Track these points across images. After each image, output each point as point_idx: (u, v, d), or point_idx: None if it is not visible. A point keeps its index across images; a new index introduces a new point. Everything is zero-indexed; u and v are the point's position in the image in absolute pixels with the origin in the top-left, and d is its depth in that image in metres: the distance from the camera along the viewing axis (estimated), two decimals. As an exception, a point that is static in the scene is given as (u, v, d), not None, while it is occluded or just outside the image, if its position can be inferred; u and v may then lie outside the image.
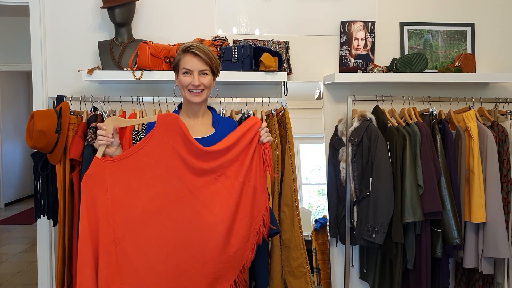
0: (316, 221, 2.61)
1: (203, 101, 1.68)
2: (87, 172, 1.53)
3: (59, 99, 2.32)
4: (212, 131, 1.70)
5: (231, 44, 2.56)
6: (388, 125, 2.37)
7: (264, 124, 1.64)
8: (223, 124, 1.74)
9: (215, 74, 1.70)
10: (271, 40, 2.60)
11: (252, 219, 1.63)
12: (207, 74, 1.65)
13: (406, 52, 2.72)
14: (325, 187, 2.56)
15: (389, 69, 2.56)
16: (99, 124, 1.56)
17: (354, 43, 2.65)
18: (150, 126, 1.72)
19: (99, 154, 1.54)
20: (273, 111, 2.38)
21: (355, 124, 2.36)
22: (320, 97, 2.67)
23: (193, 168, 1.55)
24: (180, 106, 1.77)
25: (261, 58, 2.35)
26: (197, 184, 1.56)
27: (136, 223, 1.52)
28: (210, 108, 1.80)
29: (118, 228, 1.51)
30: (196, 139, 1.57)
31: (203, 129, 1.71)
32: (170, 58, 2.37)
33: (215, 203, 1.56)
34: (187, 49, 1.64)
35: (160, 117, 1.54)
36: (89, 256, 1.49)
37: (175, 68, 1.70)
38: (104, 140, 1.53)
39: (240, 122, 2.24)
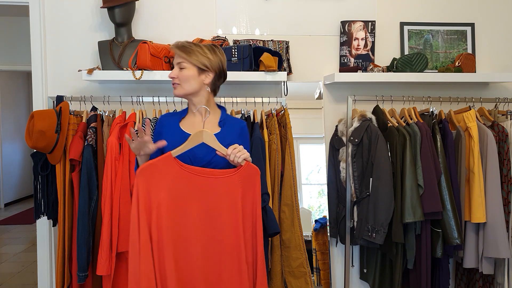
0: (316, 221, 2.61)
1: (183, 95, 1.66)
2: (153, 161, 1.52)
3: (59, 99, 2.32)
4: (217, 130, 1.67)
5: (231, 44, 2.55)
6: (388, 125, 2.37)
7: (231, 148, 1.58)
8: (230, 124, 1.71)
9: (203, 70, 1.63)
10: (271, 40, 2.60)
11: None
12: (183, 67, 1.62)
13: (406, 52, 2.71)
14: (325, 187, 2.56)
15: (389, 69, 2.56)
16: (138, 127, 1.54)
17: (354, 43, 2.65)
18: (158, 127, 1.72)
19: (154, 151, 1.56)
20: (273, 111, 2.37)
21: (355, 124, 2.36)
22: (320, 97, 2.67)
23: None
24: None
25: (261, 58, 2.34)
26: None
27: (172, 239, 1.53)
28: (220, 107, 1.77)
29: (154, 230, 1.52)
30: None
31: (207, 128, 1.67)
32: (170, 58, 2.36)
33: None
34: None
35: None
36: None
37: None
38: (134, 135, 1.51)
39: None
